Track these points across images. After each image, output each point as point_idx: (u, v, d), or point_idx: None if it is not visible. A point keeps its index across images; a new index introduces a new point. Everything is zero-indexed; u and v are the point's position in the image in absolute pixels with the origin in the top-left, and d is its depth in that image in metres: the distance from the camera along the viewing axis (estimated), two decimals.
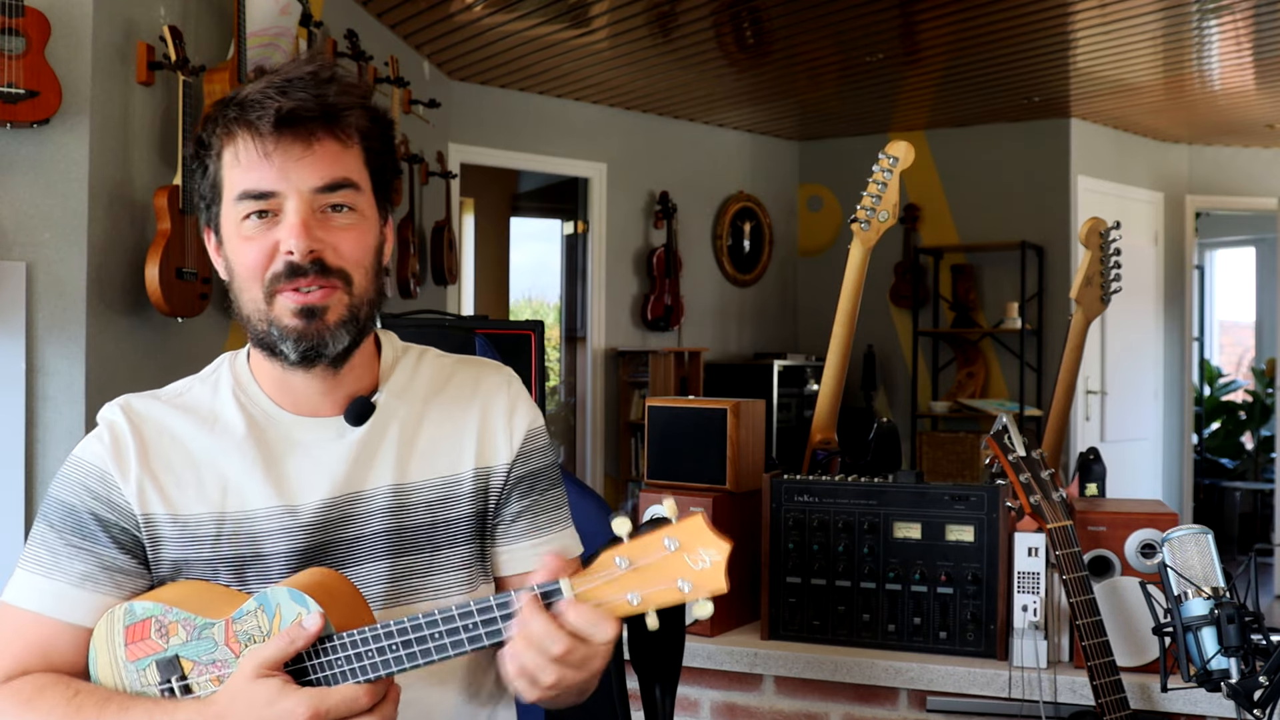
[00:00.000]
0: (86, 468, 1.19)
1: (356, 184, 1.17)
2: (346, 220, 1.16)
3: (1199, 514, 7.65)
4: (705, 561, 0.98)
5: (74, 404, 2.66)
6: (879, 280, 6.72)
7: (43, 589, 1.15)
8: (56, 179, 2.66)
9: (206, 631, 1.12)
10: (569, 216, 7.02)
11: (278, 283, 1.14)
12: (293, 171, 1.13)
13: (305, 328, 1.14)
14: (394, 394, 1.25)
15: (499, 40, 5.09)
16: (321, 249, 1.14)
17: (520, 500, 1.28)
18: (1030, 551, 1.95)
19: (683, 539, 0.98)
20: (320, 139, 1.14)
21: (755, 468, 2.25)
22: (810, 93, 6.17)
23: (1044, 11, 4.65)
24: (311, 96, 1.13)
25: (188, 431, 1.21)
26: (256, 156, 1.13)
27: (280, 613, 1.09)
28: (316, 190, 1.14)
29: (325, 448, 1.20)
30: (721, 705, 2.14)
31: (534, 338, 2.51)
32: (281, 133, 1.13)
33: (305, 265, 1.13)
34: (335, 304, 1.15)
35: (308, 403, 1.21)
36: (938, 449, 6.30)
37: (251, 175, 1.13)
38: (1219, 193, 7.28)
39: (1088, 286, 2.53)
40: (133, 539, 1.17)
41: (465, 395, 1.28)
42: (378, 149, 1.21)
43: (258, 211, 1.14)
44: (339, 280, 1.15)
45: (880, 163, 2.41)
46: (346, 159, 1.17)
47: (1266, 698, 1.52)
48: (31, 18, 2.55)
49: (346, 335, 1.16)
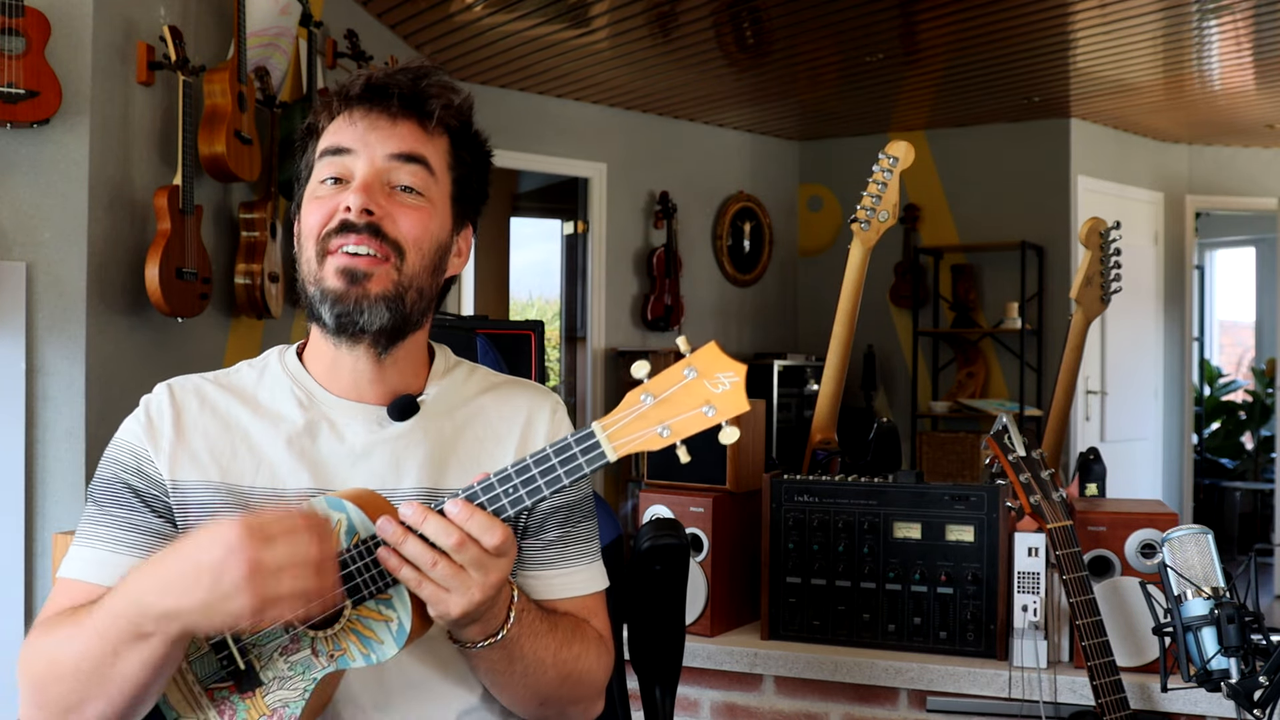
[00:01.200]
0: (122, 445, 1.22)
1: (431, 167, 1.20)
2: (413, 200, 1.19)
3: (1199, 514, 7.65)
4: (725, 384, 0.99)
5: (74, 404, 2.66)
6: (879, 280, 6.71)
7: (86, 558, 1.18)
8: (56, 179, 2.66)
9: None
10: (569, 216, 7.02)
11: (330, 240, 1.17)
12: (372, 136, 1.19)
13: (345, 290, 1.16)
14: (440, 400, 1.26)
15: (499, 40, 5.09)
16: (380, 214, 1.17)
17: (555, 530, 1.27)
18: (1030, 551, 1.95)
19: (700, 366, 1.00)
20: (405, 119, 1.20)
21: (755, 468, 2.25)
22: (810, 93, 6.17)
23: (1044, 11, 4.65)
24: (408, 80, 1.20)
25: (228, 407, 1.23)
26: (344, 121, 1.20)
27: None
28: (390, 156, 1.18)
29: (362, 435, 1.21)
30: (721, 705, 2.14)
31: (534, 338, 2.50)
32: (371, 102, 1.19)
33: (359, 224, 1.15)
34: (381, 274, 1.16)
35: (354, 388, 1.23)
36: (938, 449, 6.30)
37: (335, 136, 1.20)
38: (1219, 193, 7.27)
39: (1088, 286, 2.53)
40: (165, 505, 1.20)
41: (508, 413, 1.29)
42: (465, 159, 1.25)
43: (333, 177, 1.19)
44: (390, 250, 1.17)
45: (880, 163, 2.41)
46: (428, 145, 1.21)
47: (1266, 698, 1.52)
48: (31, 18, 2.55)
49: (386, 311, 1.17)
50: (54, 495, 2.65)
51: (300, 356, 1.27)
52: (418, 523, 1.05)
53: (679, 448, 1.02)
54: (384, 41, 4.76)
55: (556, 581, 1.27)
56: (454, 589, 1.05)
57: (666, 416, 1.01)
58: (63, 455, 2.66)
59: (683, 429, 1.01)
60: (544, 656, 1.18)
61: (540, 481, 1.05)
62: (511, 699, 1.22)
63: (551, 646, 1.19)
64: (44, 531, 2.64)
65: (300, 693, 1.11)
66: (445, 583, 1.04)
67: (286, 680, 1.11)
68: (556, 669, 1.19)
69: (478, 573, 1.05)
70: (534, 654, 1.17)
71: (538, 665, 1.18)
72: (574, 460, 1.04)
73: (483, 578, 1.05)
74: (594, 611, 1.29)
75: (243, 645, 1.12)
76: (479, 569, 1.05)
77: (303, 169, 1.25)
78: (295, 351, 1.28)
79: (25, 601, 2.62)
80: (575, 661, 1.21)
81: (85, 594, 1.16)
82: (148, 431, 1.21)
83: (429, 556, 1.04)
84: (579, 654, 1.22)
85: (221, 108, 3.07)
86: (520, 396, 1.31)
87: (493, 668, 1.16)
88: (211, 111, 3.07)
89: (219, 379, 1.27)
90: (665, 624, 1.58)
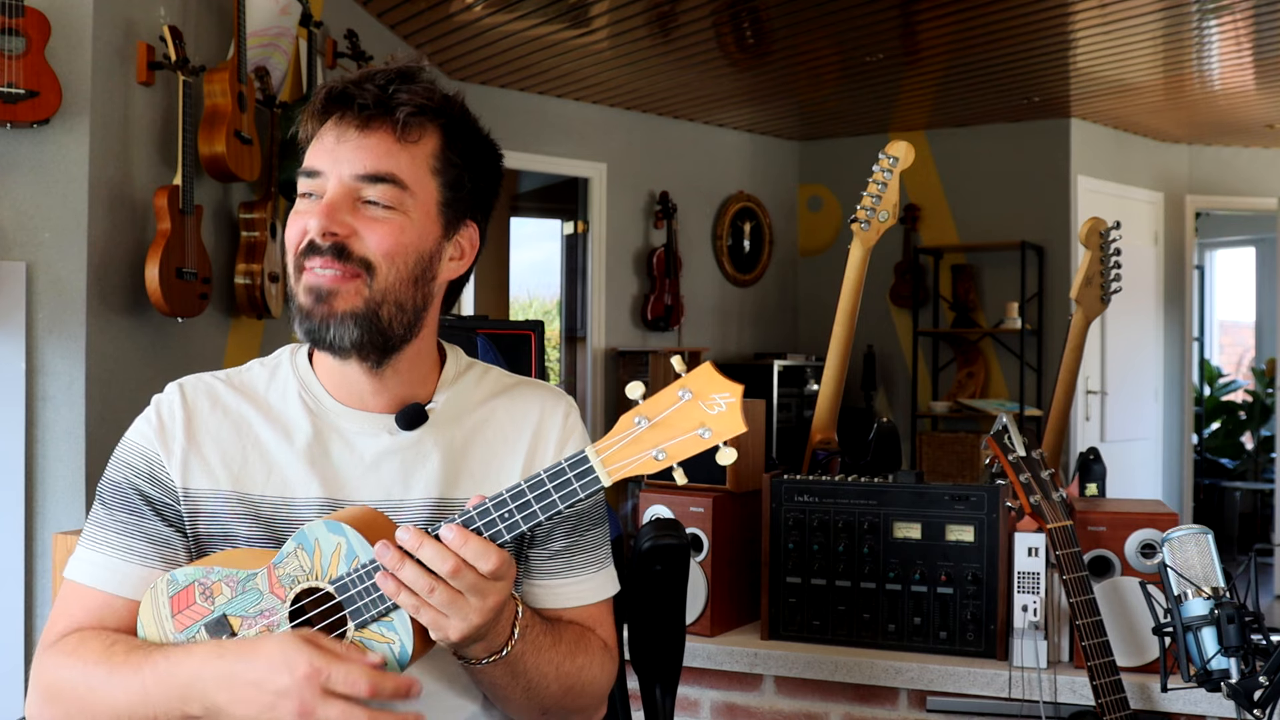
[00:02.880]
0: (132, 447, 1.21)
1: (403, 183, 1.16)
2: (383, 215, 1.15)
3: (1199, 514, 7.65)
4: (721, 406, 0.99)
5: (74, 404, 2.66)
6: (879, 280, 6.71)
7: (95, 563, 1.18)
8: (56, 179, 2.66)
9: (250, 583, 1.12)
10: (569, 216, 7.02)
11: (302, 259, 1.16)
12: (340, 154, 1.15)
13: (312, 308, 1.16)
14: (450, 407, 1.24)
15: (499, 40, 5.09)
16: (345, 234, 1.14)
17: (563, 539, 1.26)
18: (1030, 551, 1.95)
19: (695, 387, 1.00)
20: (376, 129, 1.16)
21: (755, 468, 2.25)
22: (810, 93, 6.17)
23: (1044, 11, 4.65)
24: (378, 88, 1.15)
25: (240, 408, 1.22)
26: (316, 138, 1.18)
27: (320, 546, 1.09)
28: (355, 177, 1.15)
29: (370, 444, 1.21)
30: (721, 705, 2.14)
31: (534, 338, 2.50)
32: (337, 114, 1.16)
33: (322, 245, 1.14)
34: (347, 292, 1.14)
35: (358, 397, 1.22)
36: (938, 449, 6.30)
37: (310, 156, 1.18)
38: (1219, 193, 7.27)
39: (1088, 286, 2.53)
40: (175, 513, 1.19)
41: (519, 418, 1.27)
42: (454, 161, 1.20)
43: (309, 192, 1.17)
44: (357, 268, 1.15)
45: (880, 163, 2.41)
46: (401, 157, 1.16)
47: (1266, 698, 1.52)
48: (31, 18, 2.55)
49: (355, 328, 1.15)
50: (54, 495, 2.65)
51: (311, 359, 1.26)
52: (414, 547, 1.04)
53: (676, 470, 1.01)
54: (384, 41, 4.76)
55: (562, 591, 1.26)
56: (452, 614, 1.04)
57: (661, 440, 1.01)
58: (63, 455, 2.66)
59: (678, 452, 1.01)
60: (547, 671, 1.18)
61: (535, 506, 1.05)
62: (514, 710, 1.21)
63: (555, 660, 1.18)
64: (44, 531, 2.64)
65: None
66: (443, 608, 1.04)
67: None
68: (560, 681, 1.19)
69: (475, 598, 1.04)
70: (537, 669, 1.17)
71: (541, 679, 1.17)
72: (568, 485, 1.05)
73: (480, 602, 1.05)
74: (600, 620, 1.28)
75: None
76: (476, 594, 1.04)
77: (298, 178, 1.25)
78: (306, 354, 1.27)
79: (25, 601, 2.62)
80: (579, 674, 1.21)
81: (99, 604, 1.16)
82: (159, 435, 1.20)
83: (426, 582, 1.04)
84: (583, 665, 1.22)
85: (221, 108, 3.07)
86: (533, 400, 1.29)
87: (495, 682, 1.16)
88: (211, 111, 3.07)
89: (231, 379, 1.26)
90: (665, 624, 1.58)
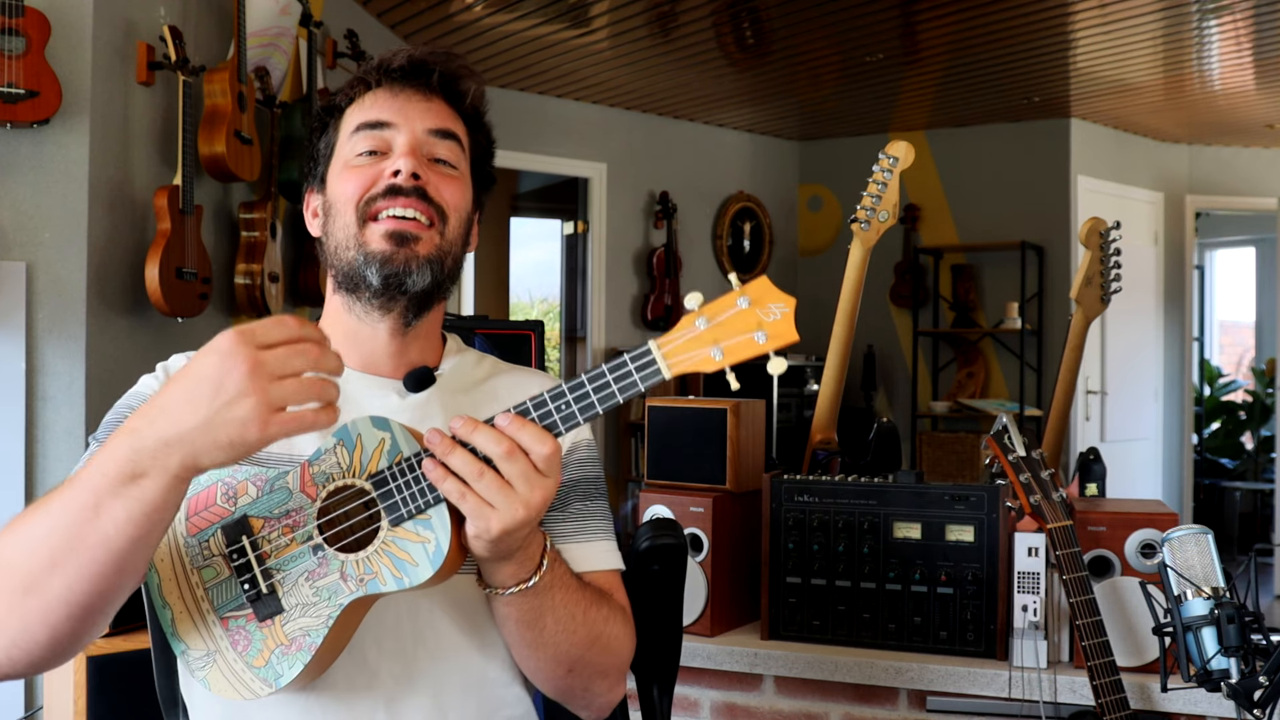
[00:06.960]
0: (137, 395, 1.24)
1: (463, 144, 1.26)
2: (450, 172, 1.23)
3: (1199, 514, 7.65)
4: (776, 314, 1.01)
5: (74, 404, 2.66)
6: (879, 280, 6.71)
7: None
8: (56, 179, 2.66)
9: (280, 481, 1.07)
10: (569, 216, 7.02)
11: (374, 203, 1.19)
12: (410, 110, 1.23)
13: (394, 253, 1.18)
14: (455, 375, 1.29)
15: (499, 40, 5.09)
16: (426, 179, 1.20)
17: (575, 503, 1.28)
18: (1030, 551, 1.95)
19: (753, 296, 1.02)
20: (438, 97, 1.25)
21: (755, 468, 2.25)
22: (810, 93, 6.17)
23: (1044, 11, 4.65)
24: (441, 59, 1.26)
25: None
26: (382, 94, 1.24)
27: (361, 443, 1.05)
28: (429, 131, 1.22)
29: (378, 405, 1.21)
30: (721, 705, 2.14)
31: (534, 338, 2.51)
32: (410, 78, 1.24)
33: (407, 188, 1.18)
34: (427, 238, 1.19)
35: (372, 361, 1.24)
36: (938, 449, 6.30)
37: (372, 111, 1.23)
38: (1219, 193, 7.27)
39: (1088, 286, 2.53)
40: None
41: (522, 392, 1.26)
42: (481, 142, 1.30)
43: (369, 150, 1.21)
44: (435, 213, 1.20)
45: (880, 163, 2.41)
46: (458, 123, 1.26)
47: (1266, 698, 1.52)
48: (31, 18, 2.55)
49: (430, 274, 1.19)
50: None
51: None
52: (467, 434, 1.02)
53: (729, 374, 1.02)
54: (384, 41, 4.76)
55: (577, 553, 1.26)
56: (498, 504, 1.01)
57: (720, 339, 1.02)
58: (63, 455, 2.66)
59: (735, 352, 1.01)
60: (575, 612, 1.16)
61: (594, 397, 1.02)
62: (539, 663, 1.19)
63: (582, 603, 1.17)
64: None
65: (324, 620, 1.06)
66: (490, 497, 1.01)
67: (310, 607, 1.06)
68: (587, 628, 1.17)
69: (524, 487, 1.02)
70: (565, 606, 1.15)
71: (569, 620, 1.15)
72: (629, 377, 1.02)
73: (528, 493, 1.02)
74: (615, 587, 1.29)
75: (266, 568, 1.07)
76: (525, 483, 1.02)
77: (322, 149, 1.27)
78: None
79: None
80: (604, 623, 1.19)
81: None
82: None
83: (475, 468, 1.01)
84: (607, 616, 1.20)
85: (221, 108, 3.07)
86: (532, 381, 1.34)
87: (522, 619, 1.13)
88: (211, 111, 3.07)
89: None
90: (663, 624, 1.58)
